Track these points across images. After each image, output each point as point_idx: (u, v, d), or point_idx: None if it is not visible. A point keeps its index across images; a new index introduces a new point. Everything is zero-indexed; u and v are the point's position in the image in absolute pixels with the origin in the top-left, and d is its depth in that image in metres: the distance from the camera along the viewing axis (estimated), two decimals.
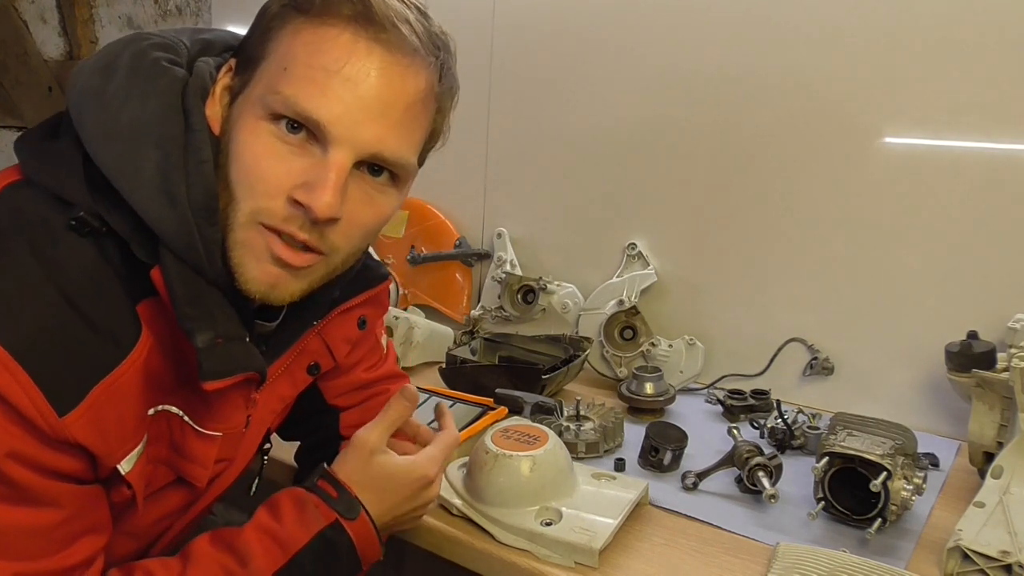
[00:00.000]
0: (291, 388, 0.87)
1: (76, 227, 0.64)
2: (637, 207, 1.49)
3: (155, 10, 2.20)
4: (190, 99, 0.69)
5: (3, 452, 0.59)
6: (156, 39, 0.72)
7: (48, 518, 0.63)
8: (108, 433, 0.64)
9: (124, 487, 0.69)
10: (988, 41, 1.16)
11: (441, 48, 0.72)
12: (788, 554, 0.84)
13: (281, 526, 0.75)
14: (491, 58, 1.60)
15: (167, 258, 0.66)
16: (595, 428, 1.14)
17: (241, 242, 0.68)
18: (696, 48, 1.38)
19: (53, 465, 0.62)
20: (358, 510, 0.77)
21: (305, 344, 0.85)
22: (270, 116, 0.67)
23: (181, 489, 0.78)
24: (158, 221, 0.65)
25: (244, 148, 0.67)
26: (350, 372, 0.96)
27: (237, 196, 0.67)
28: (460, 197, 1.68)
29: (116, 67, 0.68)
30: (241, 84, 0.70)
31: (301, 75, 0.65)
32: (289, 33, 0.67)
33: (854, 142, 1.27)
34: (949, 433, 1.23)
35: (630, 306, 1.42)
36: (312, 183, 0.66)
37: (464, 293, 1.70)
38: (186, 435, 0.74)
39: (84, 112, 0.67)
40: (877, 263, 1.28)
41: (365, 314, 0.90)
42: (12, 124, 2.56)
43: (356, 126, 0.66)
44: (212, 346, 0.66)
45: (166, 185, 0.66)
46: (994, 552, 0.81)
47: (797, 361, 1.36)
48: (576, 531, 0.86)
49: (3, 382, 0.58)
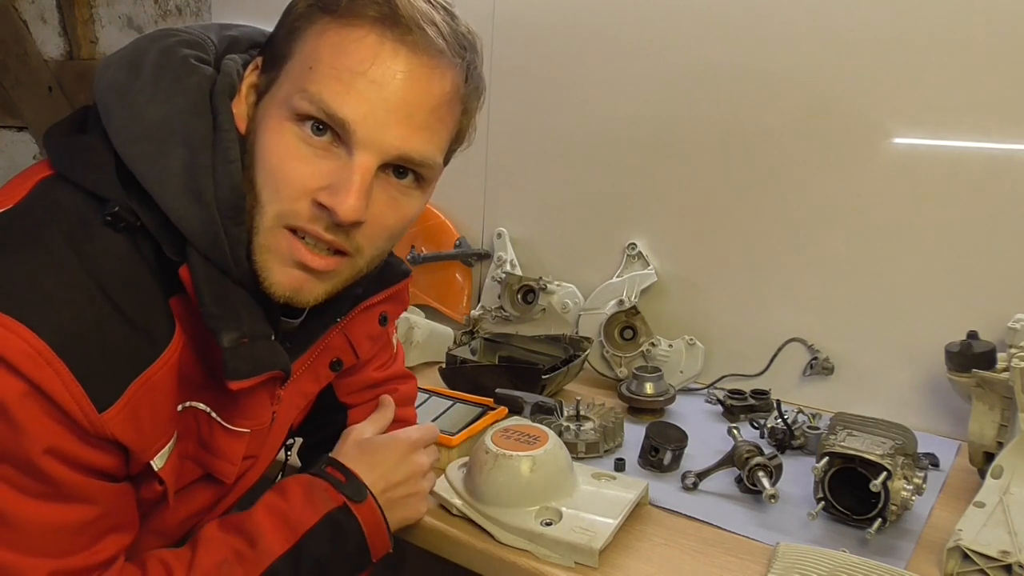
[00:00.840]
0: (314, 384, 0.88)
1: (111, 222, 0.64)
2: (637, 207, 1.49)
3: (155, 10, 2.20)
4: (218, 98, 0.69)
5: (41, 448, 0.59)
6: (184, 36, 0.72)
7: (80, 515, 0.64)
8: (143, 429, 0.65)
9: (156, 483, 0.69)
10: (988, 41, 1.16)
11: (467, 48, 0.71)
12: (788, 554, 0.84)
13: (290, 507, 0.75)
14: (491, 58, 1.60)
15: (194, 257, 0.66)
16: (595, 428, 1.14)
17: (266, 246, 0.68)
18: (697, 47, 1.38)
19: (89, 461, 0.63)
20: (365, 494, 0.79)
21: (328, 341, 0.85)
22: (295, 117, 0.67)
23: (209, 486, 0.78)
24: (185, 220, 0.66)
25: (269, 151, 0.67)
26: (362, 370, 0.96)
27: (263, 199, 0.68)
28: (460, 197, 1.68)
29: (143, 64, 0.68)
30: (267, 83, 0.70)
31: (327, 74, 0.65)
32: (315, 33, 0.67)
33: (853, 142, 1.27)
34: (949, 433, 1.23)
35: (630, 306, 1.42)
36: (337, 186, 0.66)
37: (464, 293, 1.70)
38: (214, 431, 0.74)
39: (111, 108, 0.67)
40: (877, 263, 1.28)
41: (386, 311, 0.91)
42: (12, 124, 2.56)
43: (381, 128, 0.66)
44: (237, 346, 0.67)
45: (193, 185, 0.66)
46: (994, 552, 0.81)
47: (797, 361, 1.36)
48: (576, 531, 0.86)
49: (45, 376, 0.58)
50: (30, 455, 0.59)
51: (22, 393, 0.58)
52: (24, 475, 0.60)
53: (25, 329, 0.57)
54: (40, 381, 0.58)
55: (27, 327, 0.58)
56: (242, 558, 0.72)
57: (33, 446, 0.59)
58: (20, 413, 0.58)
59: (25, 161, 2.56)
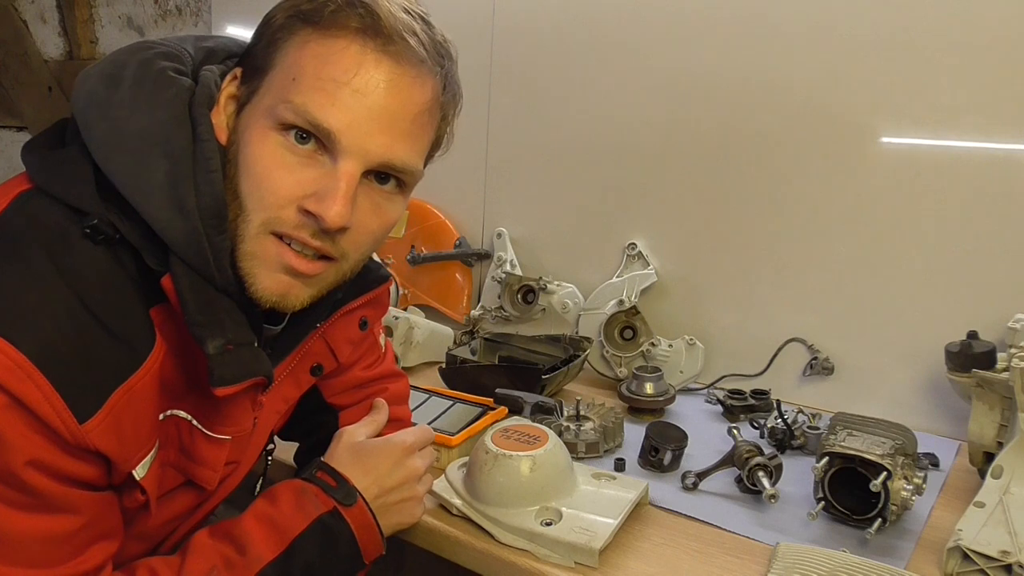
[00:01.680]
0: (295, 389, 0.88)
1: (91, 235, 0.65)
2: (637, 207, 1.49)
3: (155, 10, 2.20)
4: (197, 109, 0.70)
5: (23, 460, 0.59)
6: (161, 48, 0.73)
7: (65, 525, 0.64)
8: (125, 439, 0.65)
9: (138, 492, 0.70)
10: (987, 41, 1.16)
11: (445, 57, 0.73)
12: (788, 554, 0.84)
13: (279, 512, 0.76)
14: (491, 58, 1.60)
15: (177, 266, 0.67)
16: (595, 428, 1.14)
17: (252, 253, 0.69)
18: (695, 49, 1.38)
19: (72, 472, 0.63)
20: (355, 497, 0.79)
21: (309, 346, 0.86)
22: (279, 126, 0.67)
23: (190, 492, 0.78)
24: (168, 230, 0.66)
25: (254, 160, 0.68)
26: (348, 371, 0.96)
27: (248, 207, 0.68)
28: (460, 197, 1.68)
29: (122, 77, 0.69)
30: (248, 93, 0.71)
31: (311, 85, 0.66)
32: (296, 44, 0.68)
33: (854, 142, 1.27)
34: (949, 433, 1.23)
35: (630, 306, 1.42)
36: (322, 193, 0.67)
37: (464, 293, 1.70)
38: (195, 439, 0.74)
39: (90, 121, 0.68)
40: (877, 263, 1.28)
41: (366, 315, 0.91)
42: (12, 124, 2.56)
43: (365, 136, 0.67)
44: (222, 352, 0.67)
45: (176, 195, 0.66)
46: (994, 552, 0.81)
47: (797, 361, 1.36)
48: (576, 531, 0.86)
49: (25, 389, 0.58)
50: (12, 467, 0.59)
51: (3, 406, 0.58)
52: (7, 487, 0.60)
53: (5, 343, 0.58)
54: (21, 394, 0.58)
55: (7, 340, 0.58)
56: (232, 565, 0.73)
57: (15, 458, 0.59)
58: (1, 426, 0.58)
59: None
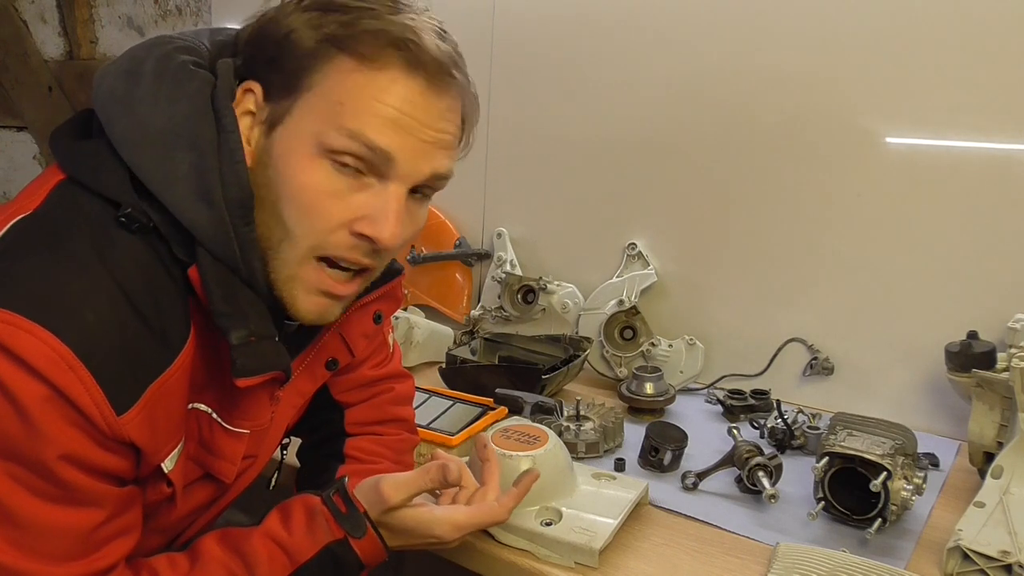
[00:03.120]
0: (311, 383, 0.88)
1: (125, 224, 0.65)
2: (637, 207, 1.49)
3: (155, 10, 2.20)
4: (220, 101, 0.70)
5: (57, 453, 0.60)
6: (179, 42, 0.73)
7: (87, 519, 0.64)
8: (158, 431, 0.66)
9: (164, 485, 0.70)
10: (987, 41, 1.16)
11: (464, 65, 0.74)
12: (788, 554, 0.84)
13: (290, 535, 0.75)
14: (491, 58, 1.60)
15: (204, 257, 0.67)
16: (595, 428, 1.14)
17: (294, 277, 0.71)
18: (696, 49, 1.38)
19: (103, 465, 0.63)
20: (364, 528, 0.76)
21: (325, 341, 0.86)
22: (327, 152, 0.68)
23: (208, 485, 0.79)
24: (194, 222, 0.66)
25: (300, 188, 0.68)
26: (357, 369, 0.97)
27: (297, 234, 0.69)
28: (460, 197, 1.68)
29: (142, 72, 0.69)
30: (278, 114, 0.70)
31: (363, 109, 0.67)
32: (337, 70, 0.68)
33: (854, 142, 1.27)
34: (949, 433, 1.23)
35: (630, 306, 1.42)
36: (375, 216, 0.69)
37: (464, 293, 1.70)
38: (215, 432, 0.75)
39: (112, 117, 0.68)
40: (877, 263, 1.28)
41: (380, 309, 0.91)
42: (12, 124, 2.56)
43: (416, 160, 0.70)
44: (246, 343, 0.68)
45: (202, 186, 0.67)
46: (994, 552, 0.81)
47: (797, 361, 1.36)
48: (576, 531, 0.86)
49: (67, 381, 0.58)
50: (45, 459, 0.59)
51: (43, 397, 0.58)
52: (36, 476, 0.60)
53: (48, 333, 0.58)
54: (63, 385, 0.58)
55: (50, 331, 0.58)
56: None
57: (49, 451, 0.59)
58: (40, 417, 0.58)
59: (25, 161, 2.56)
